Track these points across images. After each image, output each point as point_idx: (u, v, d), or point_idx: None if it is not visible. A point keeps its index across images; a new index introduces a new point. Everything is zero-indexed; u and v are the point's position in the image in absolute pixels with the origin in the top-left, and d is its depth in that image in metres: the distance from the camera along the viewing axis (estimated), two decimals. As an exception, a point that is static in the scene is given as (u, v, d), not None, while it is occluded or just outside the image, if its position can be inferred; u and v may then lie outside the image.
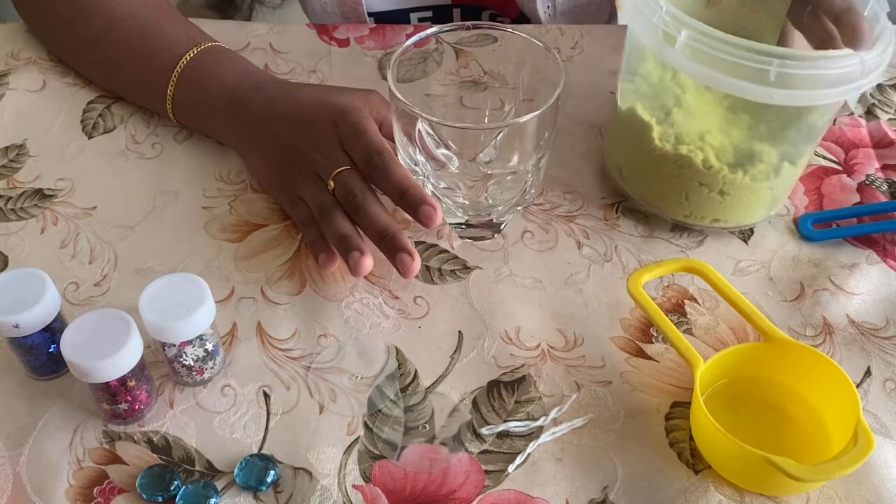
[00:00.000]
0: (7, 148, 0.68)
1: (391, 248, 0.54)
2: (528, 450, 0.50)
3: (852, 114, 0.71)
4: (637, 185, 0.62)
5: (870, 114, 0.71)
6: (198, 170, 0.66)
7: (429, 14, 0.89)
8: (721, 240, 0.61)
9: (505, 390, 0.53)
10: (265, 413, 0.51)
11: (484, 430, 0.50)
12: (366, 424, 0.51)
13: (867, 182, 0.65)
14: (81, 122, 0.70)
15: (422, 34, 0.59)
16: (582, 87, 0.74)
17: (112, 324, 0.48)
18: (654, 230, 0.62)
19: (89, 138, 0.69)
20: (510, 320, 0.56)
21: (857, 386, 0.53)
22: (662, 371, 0.54)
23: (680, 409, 0.52)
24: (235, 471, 0.48)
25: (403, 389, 0.53)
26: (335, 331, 0.56)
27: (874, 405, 0.52)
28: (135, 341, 0.48)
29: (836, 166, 0.67)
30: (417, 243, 0.61)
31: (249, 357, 0.54)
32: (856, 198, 0.64)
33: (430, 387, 0.53)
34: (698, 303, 0.57)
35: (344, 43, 0.78)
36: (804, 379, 0.51)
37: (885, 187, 0.65)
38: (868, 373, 0.54)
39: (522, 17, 0.87)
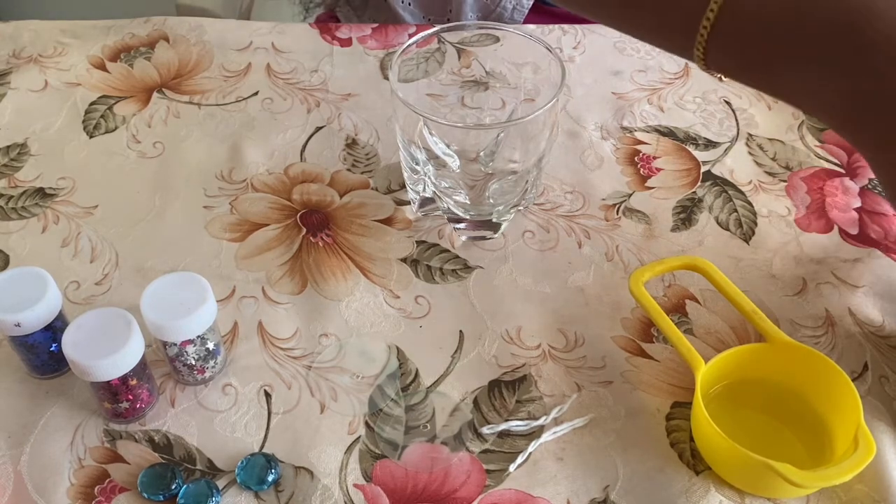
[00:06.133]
0: (8, 147, 0.68)
1: None
2: (530, 449, 0.50)
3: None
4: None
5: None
6: (199, 169, 0.66)
7: None
8: (722, 239, 0.61)
9: (506, 390, 0.53)
10: (266, 412, 0.51)
11: (485, 430, 0.50)
12: (367, 424, 0.51)
13: (870, 186, 0.65)
14: (83, 121, 0.70)
15: (424, 34, 0.59)
16: (583, 86, 0.74)
17: (113, 323, 0.48)
18: (655, 230, 0.62)
19: (90, 137, 0.69)
20: (511, 320, 0.56)
21: (856, 378, 0.53)
22: (663, 371, 0.54)
23: (681, 409, 0.52)
24: (236, 470, 0.48)
25: (404, 389, 0.53)
26: (336, 330, 0.56)
27: (872, 398, 0.52)
28: (136, 340, 0.48)
29: (838, 169, 0.67)
30: (419, 243, 0.61)
31: (250, 356, 0.54)
32: (857, 201, 0.64)
33: (431, 386, 0.53)
34: (699, 302, 0.57)
35: (346, 42, 0.79)
36: (806, 381, 0.50)
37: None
38: (866, 367, 0.54)
39: None
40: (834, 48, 0.39)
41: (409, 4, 0.86)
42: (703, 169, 0.67)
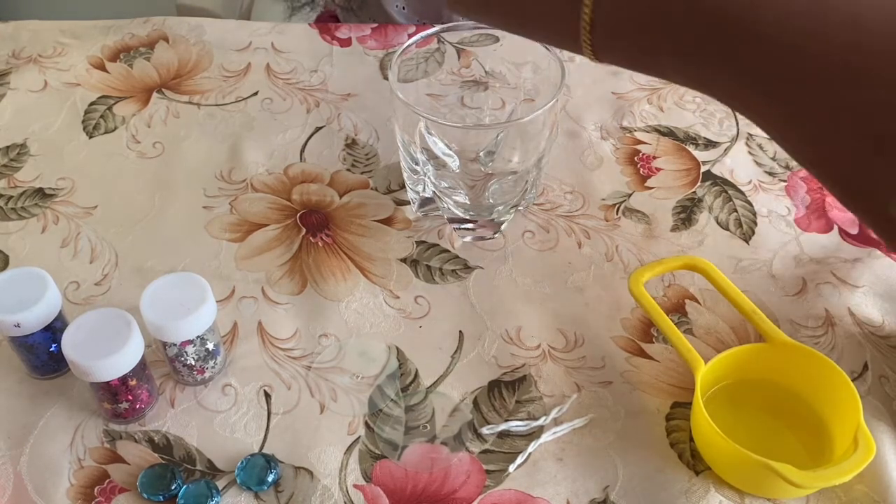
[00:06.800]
0: (8, 147, 0.68)
1: None
2: (529, 449, 0.50)
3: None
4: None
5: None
6: (198, 169, 0.66)
7: None
8: (722, 239, 0.61)
9: (506, 390, 0.53)
10: (266, 412, 0.51)
11: (485, 430, 0.50)
12: (367, 424, 0.51)
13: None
14: (82, 121, 0.70)
15: (423, 34, 0.59)
16: (583, 86, 0.74)
17: (113, 323, 0.48)
18: (654, 230, 0.62)
19: (90, 138, 0.69)
20: (511, 320, 0.56)
21: (856, 378, 0.53)
22: (663, 371, 0.54)
23: (680, 409, 0.51)
24: (236, 470, 0.48)
25: (404, 389, 0.53)
26: (336, 330, 0.56)
27: (872, 398, 0.52)
28: (136, 340, 0.48)
29: (837, 166, 0.67)
30: (418, 243, 0.61)
31: (250, 356, 0.54)
32: (857, 198, 0.64)
33: (430, 386, 0.53)
34: (699, 302, 0.57)
35: (346, 42, 0.78)
36: (806, 381, 0.50)
37: None
38: (866, 367, 0.54)
39: None
40: (723, 40, 0.38)
41: (404, 9, 0.86)
42: (703, 169, 0.67)
